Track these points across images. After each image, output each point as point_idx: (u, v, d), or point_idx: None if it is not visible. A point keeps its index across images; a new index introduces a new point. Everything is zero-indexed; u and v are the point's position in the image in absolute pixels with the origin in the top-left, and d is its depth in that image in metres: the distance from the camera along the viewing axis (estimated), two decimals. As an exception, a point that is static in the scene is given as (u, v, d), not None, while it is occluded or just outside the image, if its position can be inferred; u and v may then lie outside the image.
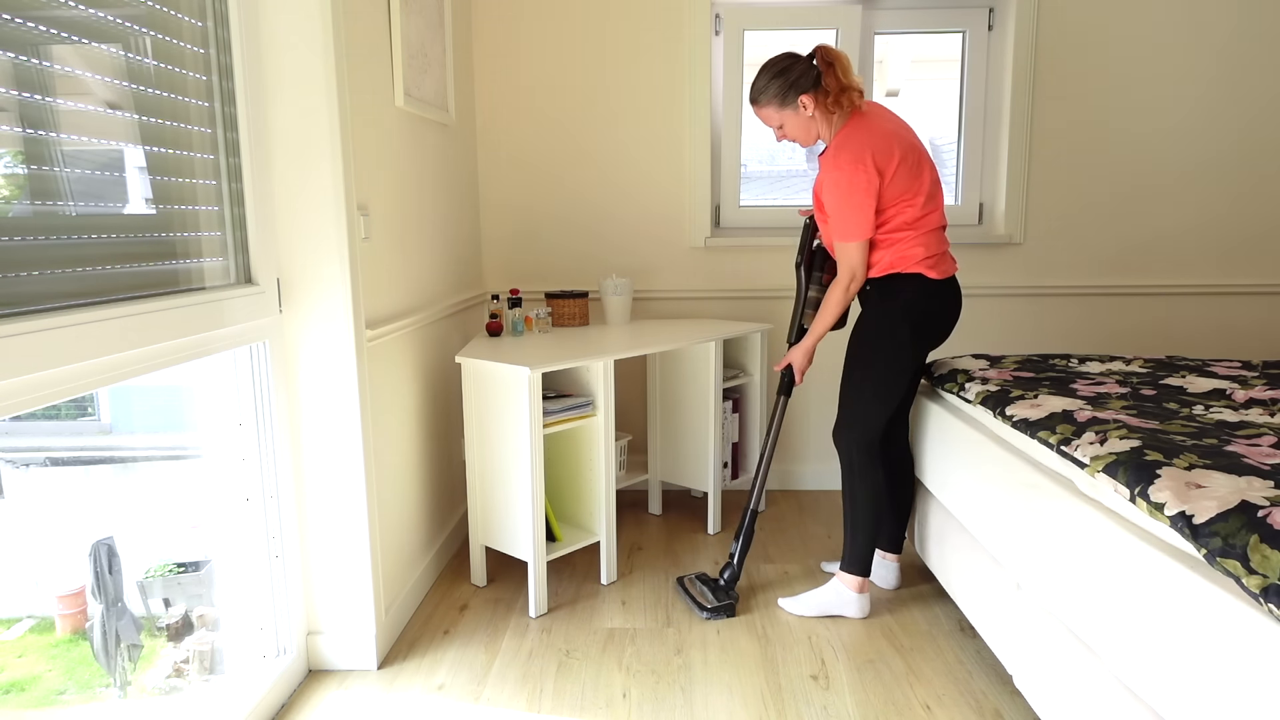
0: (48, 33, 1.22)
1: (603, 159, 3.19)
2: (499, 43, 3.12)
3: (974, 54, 3.17)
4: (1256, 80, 3.11)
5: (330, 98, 1.82)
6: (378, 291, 2.15)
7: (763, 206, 3.29)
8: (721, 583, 2.37)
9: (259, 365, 1.84)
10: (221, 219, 1.70)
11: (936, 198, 2.13)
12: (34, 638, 1.85)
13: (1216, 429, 1.54)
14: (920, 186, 2.08)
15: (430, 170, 2.59)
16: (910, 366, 2.16)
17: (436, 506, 2.62)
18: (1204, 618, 1.12)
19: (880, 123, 2.10)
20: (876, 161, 2.03)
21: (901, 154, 2.05)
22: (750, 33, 3.15)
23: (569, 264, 3.26)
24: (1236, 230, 3.21)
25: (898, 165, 2.05)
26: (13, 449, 1.86)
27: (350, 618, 2.04)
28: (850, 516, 2.26)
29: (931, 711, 1.85)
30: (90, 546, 1.83)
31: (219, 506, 1.84)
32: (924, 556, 2.37)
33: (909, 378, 2.18)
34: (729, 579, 2.36)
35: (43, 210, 1.22)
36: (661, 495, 3.16)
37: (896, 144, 2.06)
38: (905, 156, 2.06)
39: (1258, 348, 3.29)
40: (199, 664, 1.93)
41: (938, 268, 2.10)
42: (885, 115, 2.15)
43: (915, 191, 2.08)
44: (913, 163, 2.08)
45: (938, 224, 2.12)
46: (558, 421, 2.35)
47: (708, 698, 1.91)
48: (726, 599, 2.31)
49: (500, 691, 1.95)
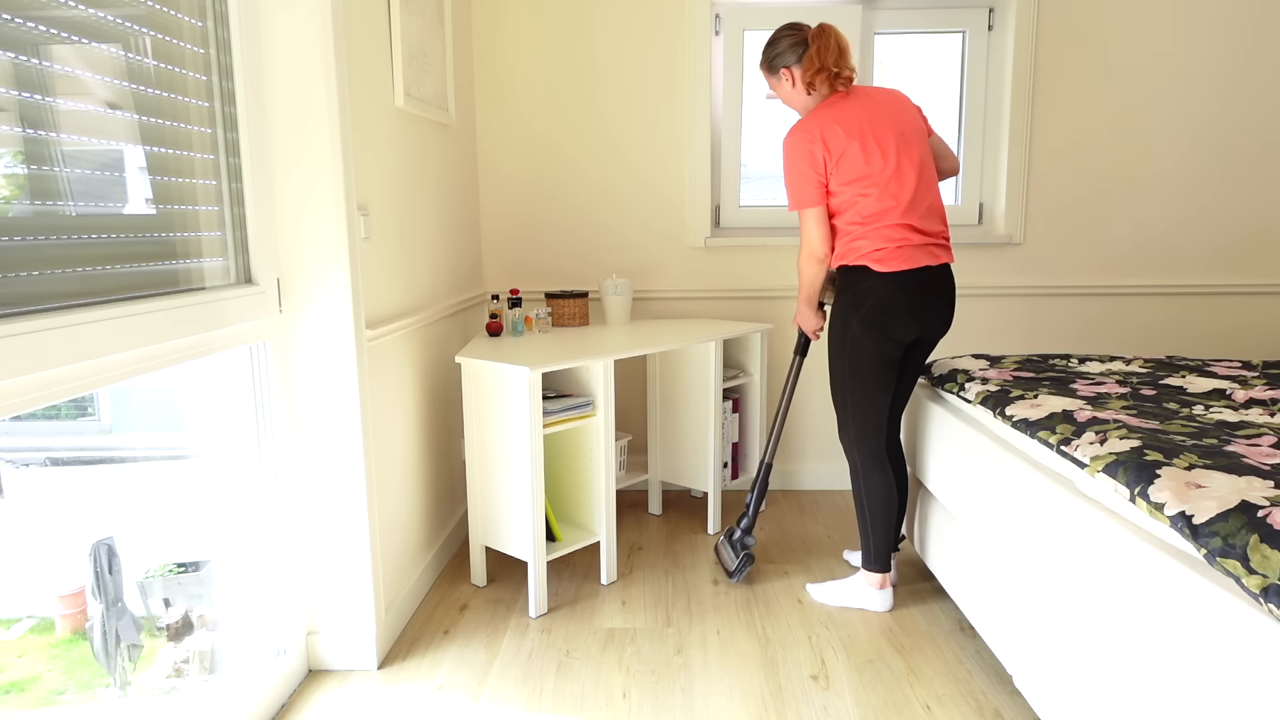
0: (48, 33, 1.22)
1: (603, 159, 3.19)
2: (499, 43, 3.12)
3: (974, 54, 3.17)
4: (1257, 80, 3.11)
5: (330, 98, 1.82)
6: (378, 291, 2.15)
7: (763, 206, 3.29)
8: (737, 534, 2.53)
9: (259, 365, 1.84)
10: (221, 219, 1.70)
11: (901, 190, 2.09)
12: (34, 638, 1.85)
13: (1216, 429, 1.54)
14: (876, 175, 2.07)
15: (430, 170, 2.59)
16: (878, 360, 2.14)
17: (436, 506, 2.62)
18: (1204, 618, 1.12)
19: (853, 106, 2.11)
20: (825, 138, 2.08)
21: (861, 139, 2.07)
22: (750, 33, 3.15)
23: (569, 264, 3.26)
24: (1236, 230, 3.21)
25: (848, 148, 2.06)
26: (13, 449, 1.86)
27: (350, 618, 2.04)
28: (861, 516, 2.29)
29: (931, 711, 1.85)
30: (90, 546, 1.83)
31: (219, 506, 1.84)
32: (924, 556, 2.37)
33: (883, 372, 2.16)
34: (744, 528, 2.53)
35: (43, 210, 1.22)
36: (661, 495, 3.16)
37: (858, 129, 2.07)
38: (866, 143, 2.07)
39: (1258, 348, 3.29)
40: (199, 664, 1.92)
41: (889, 260, 2.08)
42: (866, 101, 2.13)
43: (871, 181, 2.07)
44: (877, 149, 2.07)
45: (898, 219, 2.08)
46: (558, 421, 2.35)
47: (708, 698, 1.91)
48: (744, 551, 2.50)
49: (500, 691, 1.95)
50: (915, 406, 2.41)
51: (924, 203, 2.12)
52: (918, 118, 2.18)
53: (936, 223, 2.15)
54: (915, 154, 2.12)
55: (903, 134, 2.11)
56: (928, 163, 2.15)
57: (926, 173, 2.14)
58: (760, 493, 2.54)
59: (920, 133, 2.15)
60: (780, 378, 3.32)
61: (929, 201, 2.14)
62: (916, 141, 2.13)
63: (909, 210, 2.10)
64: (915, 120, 2.16)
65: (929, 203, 2.14)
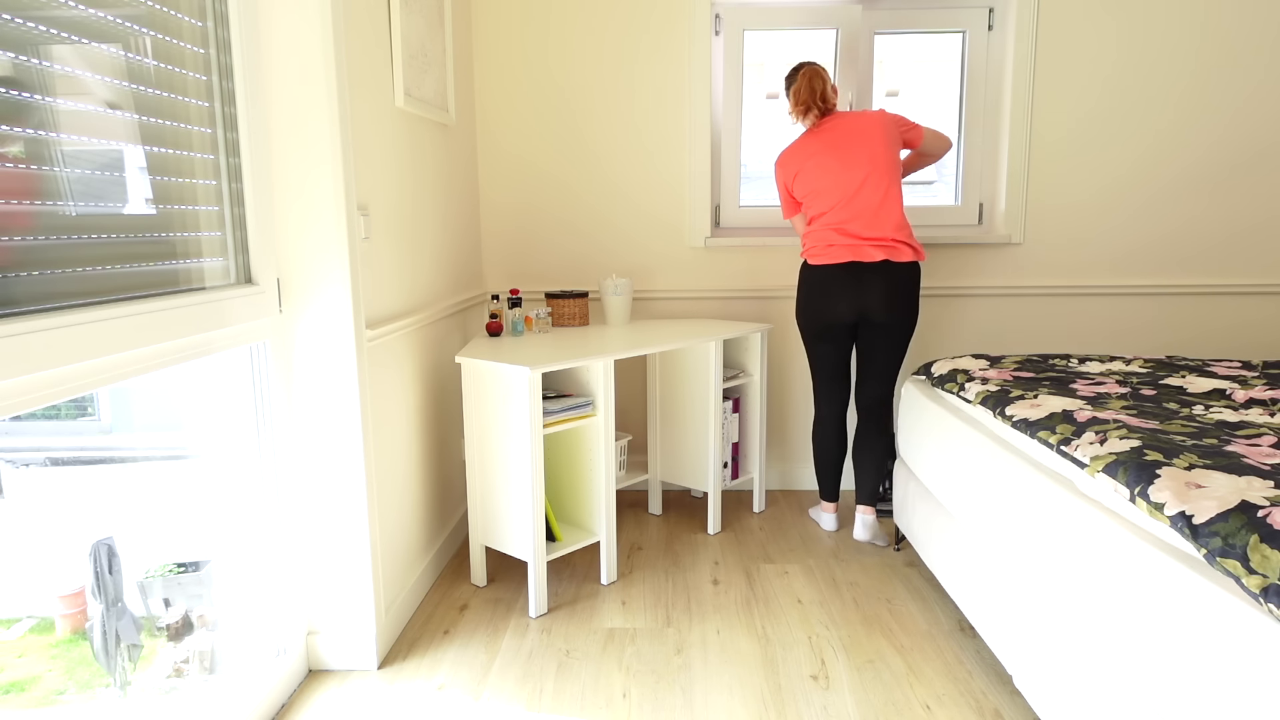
0: (48, 33, 1.22)
1: (603, 159, 3.19)
2: (499, 43, 3.12)
3: (974, 54, 3.17)
4: (1257, 80, 3.11)
5: (330, 98, 1.82)
6: (378, 291, 2.15)
7: (763, 206, 3.29)
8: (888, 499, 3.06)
9: (259, 365, 1.84)
10: (221, 219, 1.70)
11: (836, 200, 2.59)
12: (34, 638, 1.85)
13: (1216, 429, 1.54)
14: (819, 192, 2.62)
15: (430, 170, 2.59)
16: (813, 334, 2.74)
17: (436, 506, 2.62)
18: (1204, 618, 1.12)
19: (807, 141, 2.65)
20: (783, 168, 2.72)
21: (804, 169, 2.64)
22: (750, 33, 3.15)
23: (569, 264, 3.26)
24: (1236, 230, 3.21)
25: (797, 176, 2.67)
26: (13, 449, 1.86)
27: (350, 618, 2.04)
28: None
29: (931, 711, 1.85)
30: (90, 546, 1.83)
31: (219, 506, 1.84)
32: (924, 556, 2.37)
33: (825, 344, 2.74)
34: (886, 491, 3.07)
35: (43, 210, 1.22)
36: (661, 495, 3.16)
37: (804, 161, 2.64)
38: (808, 171, 2.63)
39: (1258, 348, 3.29)
40: (199, 664, 1.92)
41: (820, 255, 2.63)
42: (820, 135, 2.63)
43: (816, 195, 2.64)
44: (820, 173, 2.61)
45: (833, 222, 2.61)
46: (558, 421, 2.35)
47: (708, 698, 1.91)
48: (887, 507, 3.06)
49: (500, 691, 1.95)
50: (915, 406, 2.41)
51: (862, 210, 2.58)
52: (877, 139, 2.57)
53: (878, 228, 2.58)
54: (859, 173, 2.57)
55: (841, 158, 2.58)
56: (873, 179, 2.57)
57: (868, 187, 2.58)
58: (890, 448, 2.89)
59: (875, 154, 2.57)
60: (780, 378, 3.32)
61: (867, 208, 2.58)
62: (867, 162, 2.57)
63: (847, 214, 2.59)
64: (873, 143, 2.57)
65: (867, 209, 2.58)
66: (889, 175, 2.57)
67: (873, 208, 2.57)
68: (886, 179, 2.57)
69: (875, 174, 2.56)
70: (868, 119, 2.60)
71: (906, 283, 2.60)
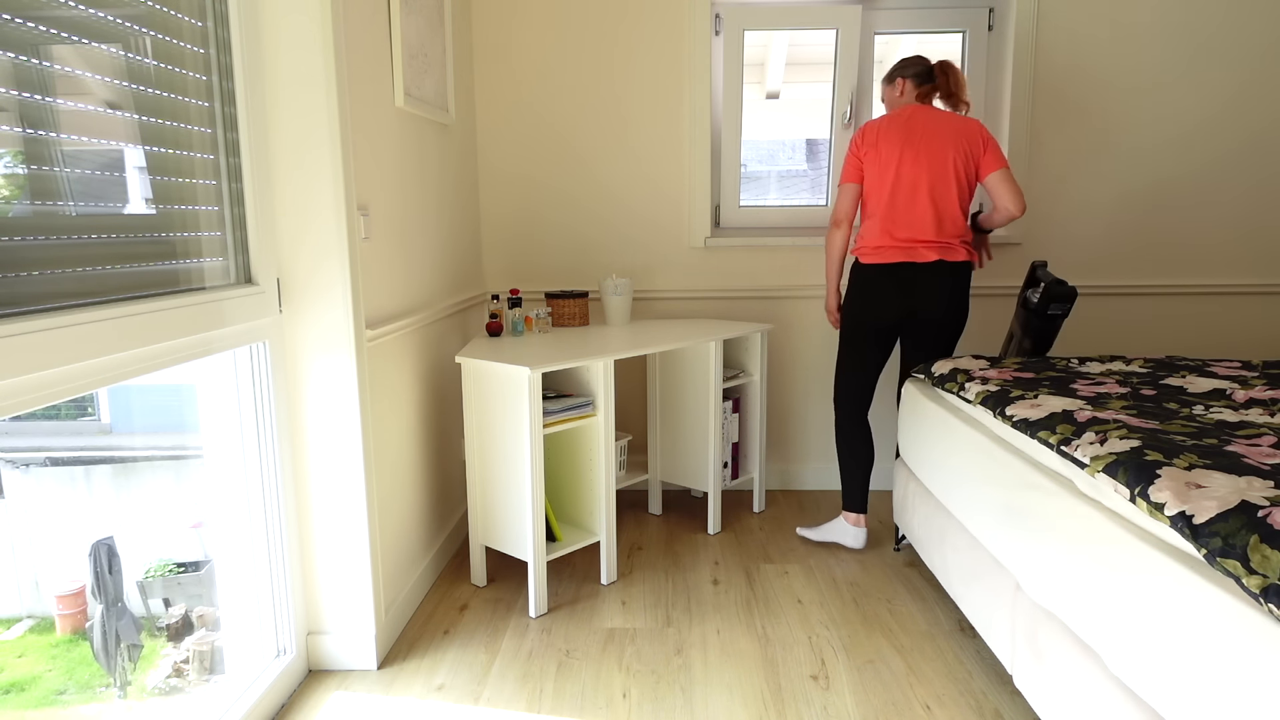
0: (48, 33, 1.22)
1: (603, 159, 3.19)
2: (499, 43, 3.12)
3: (974, 54, 3.17)
4: (1257, 81, 3.11)
5: (330, 98, 1.82)
6: (378, 291, 2.15)
7: (763, 206, 3.29)
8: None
9: (259, 365, 1.84)
10: (221, 219, 1.70)
11: (897, 201, 2.51)
12: (34, 638, 1.85)
13: (1216, 429, 1.54)
14: (886, 183, 2.51)
15: (430, 170, 2.59)
16: (858, 336, 2.64)
17: (436, 506, 2.62)
18: (1204, 618, 1.12)
19: (902, 116, 2.54)
20: (866, 134, 2.57)
21: (888, 145, 2.51)
22: (750, 33, 3.15)
23: (569, 264, 3.26)
24: (1236, 230, 3.21)
25: (877, 148, 2.53)
26: (13, 449, 1.86)
27: (350, 618, 2.04)
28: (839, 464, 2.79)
29: (931, 711, 1.85)
30: (90, 546, 1.83)
31: (219, 506, 1.84)
32: (924, 556, 2.37)
33: (864, 342, 2.64)
34: None
35: (43, 210, 1.22)
36: (661, 495, 3.16)
37: (894, 137, 2.51)
38: (890, 150, 2.50)
39: (1258, 348, 3.29)
40: (199, 664, 1.93)
41: (871, 255, 2.57)
42: (914, 117, 2.52)
43: (883, 184, 2.53)
44: (898, 160, 2.49)
45: (887, 221, 2.53)
46: (558, 421, 2.35)
47: (708, 698, 1.91)
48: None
49: (500, 691, 1.95)
50: (915, 406, 2.41)
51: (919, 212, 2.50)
52: (955, 143, 2.48)
53: (931, 230, 2.50)
54: (927, 171, 2.48)
55: (925, 152, 2.48)
56: (940, 182, 2.49)
57: (932, 189, 2.49)
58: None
59: (945, 157, 2.48)
60: (780, 378, 3.32)
61: (923, 210, 2.50)
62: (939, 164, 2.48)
63: (906, 219, 2.52)
64: (948, 146, 2.48)
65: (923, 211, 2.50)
66: (954, 179, 2.49)
67: (927, 209, 2.49)
68: (951, 183, 2.49)
69: (943, 177, 2.48)
70: (959, 121, 2.51)
71: (960, 282, 2.54)
